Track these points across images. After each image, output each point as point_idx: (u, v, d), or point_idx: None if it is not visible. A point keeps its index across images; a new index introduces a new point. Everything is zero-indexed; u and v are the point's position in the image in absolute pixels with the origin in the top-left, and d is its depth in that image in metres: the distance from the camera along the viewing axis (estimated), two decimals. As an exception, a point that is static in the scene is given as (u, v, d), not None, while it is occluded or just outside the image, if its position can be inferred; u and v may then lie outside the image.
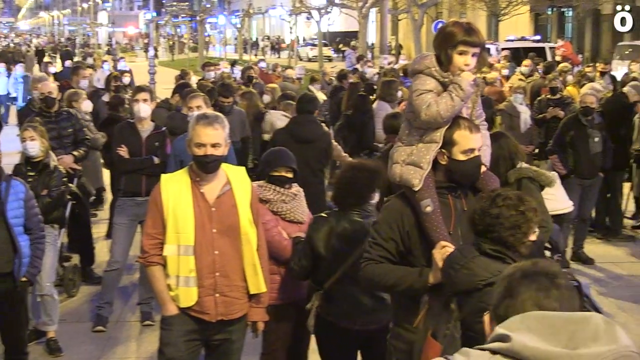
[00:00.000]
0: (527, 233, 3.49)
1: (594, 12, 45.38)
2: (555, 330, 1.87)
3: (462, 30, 3.99)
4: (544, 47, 29.18)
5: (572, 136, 9.52)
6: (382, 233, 4.04)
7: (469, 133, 3.98)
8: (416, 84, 4.04)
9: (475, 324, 3.38)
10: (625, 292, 8.49)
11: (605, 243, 10.33)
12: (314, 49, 55.12)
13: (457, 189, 4.05)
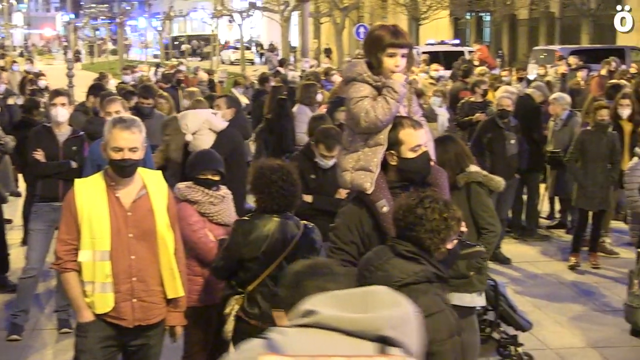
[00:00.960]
0: (445, 240, 3.52)
1: (510, 17, 46.40)
2: (349, 302, 2.21)
3: (389, 32, 4.09)
4: (463, 51, 29.67)
5: (489, 138, 9.69)
6: (343, 237, 4.10)
7: (413, 130, 4.08)
8: (351, 92, 4.12)
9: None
10: (540, 291, 8.68)
11: (522, 243, 10.55)
12: (237, 52, 54.93)
13: (410, 187, 4.11)
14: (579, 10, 38.26)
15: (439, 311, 3.37)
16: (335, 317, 2.15)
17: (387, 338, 2.13)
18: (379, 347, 2.11)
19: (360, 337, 2.12)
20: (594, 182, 9.20)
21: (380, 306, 2.19)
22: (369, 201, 4.06)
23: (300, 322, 2.19)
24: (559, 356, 6.90)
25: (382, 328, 2.13)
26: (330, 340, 2.11)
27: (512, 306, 6.47)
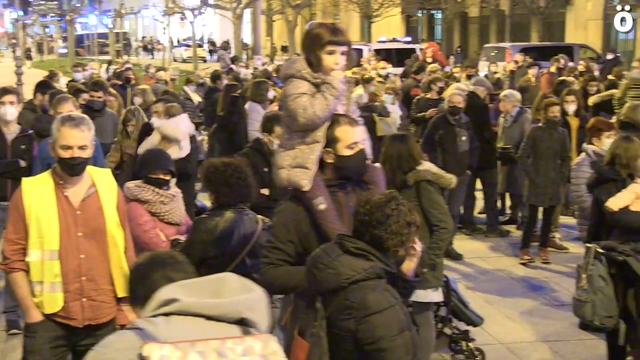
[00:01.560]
0: (404, 243, 3.54)
1: (461, 15, 46.82)
2: (204, 289, 2.35)
3: (329, 30, 4.08)
4: (415, 49, 29.87)
5: (440, 135, 9.75)
6: (280, 236, 4.05)
7: (350, 127, 4.07)
8: (289, 88, 4.09)
9: (340, 322, 3.42)
10: (491, 286, 8.77)
11: (473, 239, 10.64)
12: (189, 50, 54.57)
13: (347, 185, 4.11)
14: (529, 8, 38.72)
15: (389, 307, 3.38)
16: (197, 304, 2.29)
17: (246, 319, 2.33)
18: (241, 329, 2.31)
19: (221, 321, 2.29)
20: (545, 178, 9.32)
21: (233, 291, 2.36)
22: (306, 199, 4.02)
23: (162, 311, 2.30)
24: (510, 351, 6.98)
25: (242, 311, 2.32)
26: (198, 326, 2.26)
27: (463, 302, 6.53)
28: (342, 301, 3.42)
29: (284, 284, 4.03)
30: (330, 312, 3.46)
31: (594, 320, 5.56)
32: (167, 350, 2.15)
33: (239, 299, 2.34)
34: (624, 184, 6.20)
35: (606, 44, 37.05)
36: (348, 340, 3.42)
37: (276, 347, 2.33)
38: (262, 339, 2.30)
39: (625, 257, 5.49)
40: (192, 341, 2.19)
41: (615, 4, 39.29)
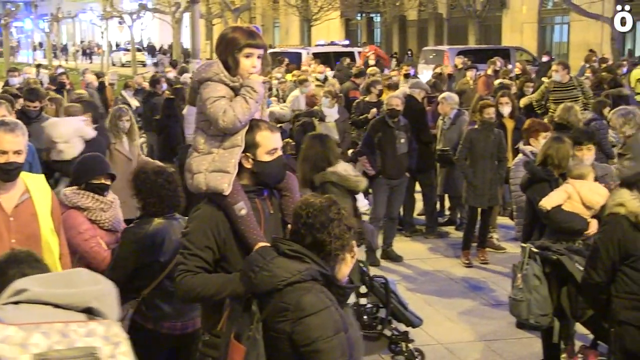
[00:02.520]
0: (344, 247, 3.55)
1: (400, 18, 47.22)
2: (56, 282, 2.56)
3: (246, 34, 4.06)
4: (354, 52, 30.01)
5: (379, 137, 9.80)
6: (197, 242, 3.96)
7: (270, 133, 4.04)
8: (207, 91, 4.02)
9: (276, 324, 3.42)
10: (431, 287, 8.85)
11: (413, 240, 10.73)
12: (128, 54, 54.01)
13: (264, 192, 4.09)
14: (466, 11, 39.24)
15: (324, 308, 3.39)
16: (45, 293, 2.48)
17: (93, 309, 2.52)
18: (87, 316, 2.51)
19: (69, 309, 2.49)
20: (482, 180, 9.44)
21: (83, 283, 2.57)
22: (226, 204, 3.96)
23: (12, 299, 2.47)
24: (449, 351, 7.05)
25: (88, 300, 2.52)
26: (46, 312, 2.44)
27: (402, 303, 6.58)
28: (277, 303, 3.43)
29: (202, 292, 3.95)
30: (266, 315, 3.46)
31: (529, 319, 5.64)
32: (12, 331, 2.31)
33: (87, 289, 2.54)
34: (557, 183, 6.32)
35: (541, 46, 37.76)
36: (284, 342, 3.42)
37: (118, 330, 2.52)
38: (105, 323, 2.49)
39: (559, 256, 5.59)
40: (37, 323, 2.35)
41: (548, 8, 40.08)
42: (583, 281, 4.87)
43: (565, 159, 6.43)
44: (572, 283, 5.48)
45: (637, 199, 4.45)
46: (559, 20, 40.20)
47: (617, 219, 4.49)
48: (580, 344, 5.97)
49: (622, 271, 4.51)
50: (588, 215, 6.06)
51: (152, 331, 4.92)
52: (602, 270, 4.56)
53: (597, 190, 6.05)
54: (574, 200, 6.13)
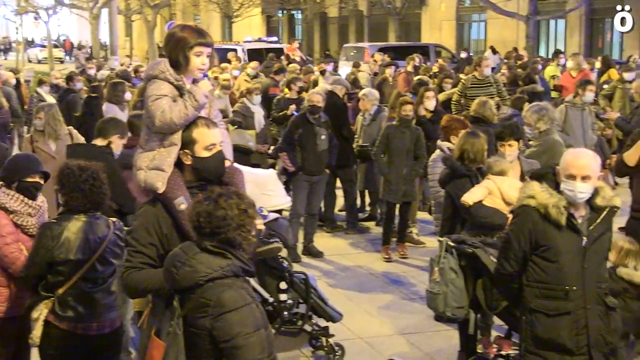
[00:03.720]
0: (250, 230, 3.57)
1: (321, 15, 47.37)
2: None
3: (196, 32, 4.13)
4: (282, 48, 30.07)
5: (300, 134, 9.81)
6: (141, 239, 4.01)
7: (207, 129, 4.08)
8: (151, 89, 4.09)
9: (196, 320, 3.43)
10: (351, 282, 8.92)
11: (334, 236, 10.79)
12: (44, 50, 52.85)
13: (206, 187, 4.08)
14: (386, 9, 39.60)
15: (245, 305, 3.41)
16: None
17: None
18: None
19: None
20: (398, 175, 9.54)
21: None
22: (166, 200, 4.02)
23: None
24: (369, 345, 7.12)
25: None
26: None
27: (322, 298, 6.61)
28: (198, 299, 3.44)
29: (147, 287, 4.00)
30: (187, 311, 3.46)
31: (446, 311, 5.72)
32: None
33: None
34: (477, 178, 6.43)
35: (459, 43, 38.36)
36: (204, 338, 3.43)
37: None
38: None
39: (474, 249, 5.68)
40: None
41: (466, 6, 40.74)
42: (496, 272, 4.97)
43: (481, 153, 6.54)
44: (487, 275, 5.57)
45: (546, 191, 4.56)
46: (476, 18, 40.87)
47: (528, 211, 4.59)
48: (496, 335, 6.09)
49: (533, 261, 4.62)
50: (507, 210, 6.18)
51: (66, 332, 4.84)
52: (514, 260, 4.67)
53: (517, 187, 6.15)
54: (495, 196, 6.24)
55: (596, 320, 4.57)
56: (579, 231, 4.55)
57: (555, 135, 8.21)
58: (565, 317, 4.53)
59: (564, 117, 10.32)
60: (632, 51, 27.99)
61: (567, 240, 4.54)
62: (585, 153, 4.70)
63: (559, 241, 4.53)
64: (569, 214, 4.53)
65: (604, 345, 4.61)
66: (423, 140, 9.68)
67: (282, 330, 6.33)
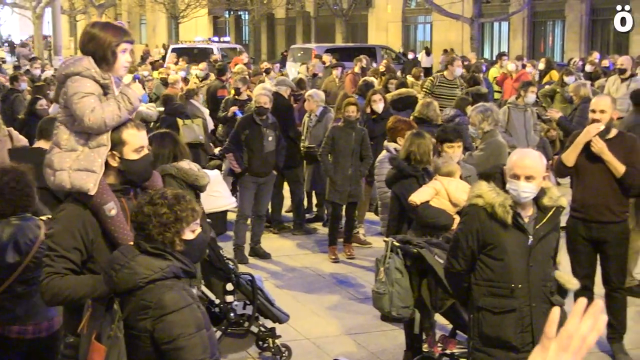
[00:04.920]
0: (179, 232, 3.53)
1: (268, 16, 47.32)
2: None
3: (119, 30, 4.08)
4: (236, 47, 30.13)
5: (247, 135, 9.78)
6: (65, 244, 3.90)
7: (136, 131, 4.02)
8: (75, 86, 3.95)
9: (137, 322, 3.40)
10: (298, 283, 8.92)
11: (281, 237, 10.79)
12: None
13: (130, 191, 4.04)
14: (333, 10, 39.72)
15: (186, 306, 3.40)
16: None
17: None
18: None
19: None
20: (344, 176, 9.57)
21: None
22: (95, 204, 3.91)
23: None
24: (316, 345, 7.13)
25: None
26: None
27: (269, 299, 6.61)
28: (139, 301, 3.41)
29: (71, 295, 3.90)
30: (128, 313, 3.43)
31: (391, 311, 5.77)
32: None
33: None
34: (424, 179, 6.49)
35: (406, 45, 38.68)
36: (146, 340, 3.40)
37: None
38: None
39: (419, 249, 5.74)
40: None
41: (412, 8, 41.05)
42: (445, 270, 5.01)
43: (427, 154, 6.61)
44: (432, 275, 5.64)
45: (493, 191, 4.61)
46: (422, 20, 41.29)
47: (476, 210, 4.65)
48: (441, 334, 6.15)
49: (480, 259, 4.68)
50: (454, 211, 6.25)
51: (0, 336, 4.75)
52: (462, 259, 4.72)
53: (464, 188, 6.22)
54: (442, 196, 6.31)
55: (541, 318, 4.64)
56: (525, 230, 4.62)
57: (498, 137, 8.32)
58: (511, 315, 4.60)
59: (507, 118, 10.48)
60: (572, 54, 28.54)
61: (513, 239, 4.60)
62: (530, 153, 4.77)
63: (505, 240, 4.60)
64: (516, 213, 4.59)
65: (548, 342, 4.68)
66: (369, 141, 9.73)
67: (229, 332, 6.32)
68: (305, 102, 11.25)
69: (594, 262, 6.80)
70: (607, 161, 6.49)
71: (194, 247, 3.59)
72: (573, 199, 6.77)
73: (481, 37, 34.73)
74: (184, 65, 19.93)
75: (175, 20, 44.07)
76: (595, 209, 6.59)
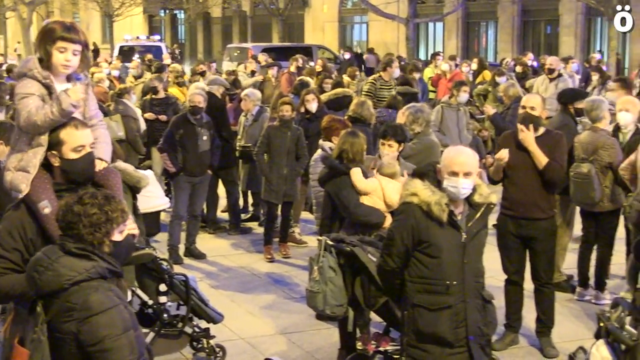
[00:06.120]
0: (109, 232, 3.50)
1: (204, 15, 47.03)
2: None
3: (62, 27, 4.04)
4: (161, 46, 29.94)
5: (181, 135, 9.72)
6: (4, 244, 3.92)
7: (75, 130, 4.01)
8: (19, 87, 4.02)
9: (62, 325, 3.36)
10: (234, 283, 8.89)
11: (216, 237, 10.75)
12: None
13: (78, 190, 4.00)
14: (269, 10, 39.67)
15: (113, 306, 3.37)
16: None
17: None
18: None
19: None
20: (279, 176, 9.58)
21: None
22: (31, 203, 3.94)
23: None
24: (250, 345, 7.12)
25: None
26: None
27: (203, 299, 6.57)
28: (63, 303, 3.37)
29: (10, 293, 3.91)
30: (52, 316, 3.38)
31: (325, 310, 5.79)
32: None
33: None
34: (356, 177, 6.53)
35: (342, 45, 38.83)
36: (70, 343, 3.36)
37: None
38: None
39: (352, 247, 5.77)
40: None
41: (348, 7, 41.24)
42: (379, 268, 5.03)
43: (360, 153, 6.65)
44: (365, 273, 5.67)
45: (428, 189, 4.65)
46: (358, 20, 41.49)
47: (411, 208, 4.68)
48: (375, 331, 6.20)
49: (415, 257, 4.71)
50: (386, 211, 6.30)
51: None
52: (397, 256, 4.74)
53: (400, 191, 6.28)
54: (377, 195, 6.35)
55: (474, 313, 4.71)
56: (458, 227, 4.67)
57: (431, 136, 8.42)
58: (446, 311, 4.64)
59: (440, 117, 10.62)
60: (505, 54, 29.02)
61: (447, 236, 4.65)
62: (465, 150, 4.83)
63: (440, 237, 4.64)
64: (450, 211, 4.65)
65: (480, 336, 4.75)
66: (304, 140, 9.75)
67: (162, 333, 6.27)
68: (241, 102, 11.23)
69: (524, 258, 6.94)
70: (531, 152, 6.64)
71: (121, 249, 3.56)
72: (503, 197, 6.90)
73: (416, 38, 35.03)
74: (118, 65, 19.69)
75: (110, 19, 43.47)
76: (524, 206, 6.73)
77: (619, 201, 7.76)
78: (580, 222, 8.27)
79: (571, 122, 8.64)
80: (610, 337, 4.42)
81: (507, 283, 7.02)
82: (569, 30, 31.68)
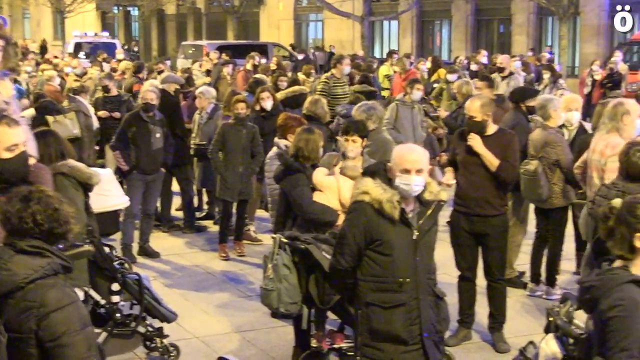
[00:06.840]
0: (66, 232, 3.48)
1: (158, 12, 46.69)
2: None
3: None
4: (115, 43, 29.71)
5: (134, 132, 9.65)
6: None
7: (8, 128, 3.93)
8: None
9: (21, 324, 3.32)
10: (188, 282, 8.85)
11: (170, 235, 10.68)
12: None
13: (10, 189, 3.93)
14: (224, 7, 39.52)
15: (71, 303, 3.36)
16: None
17: None
18: None
19: None
20: (234, 174, 9.55)
21: None
22: None
23: None
24: (205, 343, 7.10)
25: None
26: None
27: (156, 299, 6.53)
28: (20, 303, 3.34)
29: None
30: (9, 316, 3.34)
31: (279, 308, 5.79)
32: None
33: None
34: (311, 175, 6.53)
35: (298, 43, 38.83)
36: (29, 341, 3.34)
37: None
38: None
39: (306, 245, 5.77)
40: None
41: (303, 5, 41.26)
42: (331, 267, 5.01)
43: (315, 151, 6.63)
44: (320, 271, 5.68)
45: (380, 187, 4.66)
46: (313, 18, 41.50)
47: (362, 206, 4.68)
48: (329, 329, 6.21)
49: (367, 255, 4.70)
50: (340, 209, 6.31)
51: None
52: (349, 255, 4.74)
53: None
54: (332, 192, 6.35)
55: (427, 310, 4.74)
56: (410, 225, 4.68)
57: (385, 134, 8.45)
58: (400, 309, 4.65)
59: (395, 115, 10.66)
60: (459, 52, 29.25)
61: (399, 234, 4.65)
62: (416, 148, 4.86)
63: (393, 235, 4.64)
64: (401, 208, 4.66)
65: (434, 333, 4.78)
66: (259, 138, 9.73)
67: (115, 333, 6.22)
68: (195, 99, 11.17)
69: (476, 255, 7.00)
70: (481, 155, 6.72)
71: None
72: (456, 194, 6.96)
73: (372, 36, 35.20)
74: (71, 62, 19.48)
75: (61, 15, 42.92)
76: (476, 203, 6.79)
77: (568, 198, 7.87)
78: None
79: (523, 120, 8.73)
80: (559, 332, 4.48)
81: (460, 279, 7.09)
82: (522, 29, 32.08)
